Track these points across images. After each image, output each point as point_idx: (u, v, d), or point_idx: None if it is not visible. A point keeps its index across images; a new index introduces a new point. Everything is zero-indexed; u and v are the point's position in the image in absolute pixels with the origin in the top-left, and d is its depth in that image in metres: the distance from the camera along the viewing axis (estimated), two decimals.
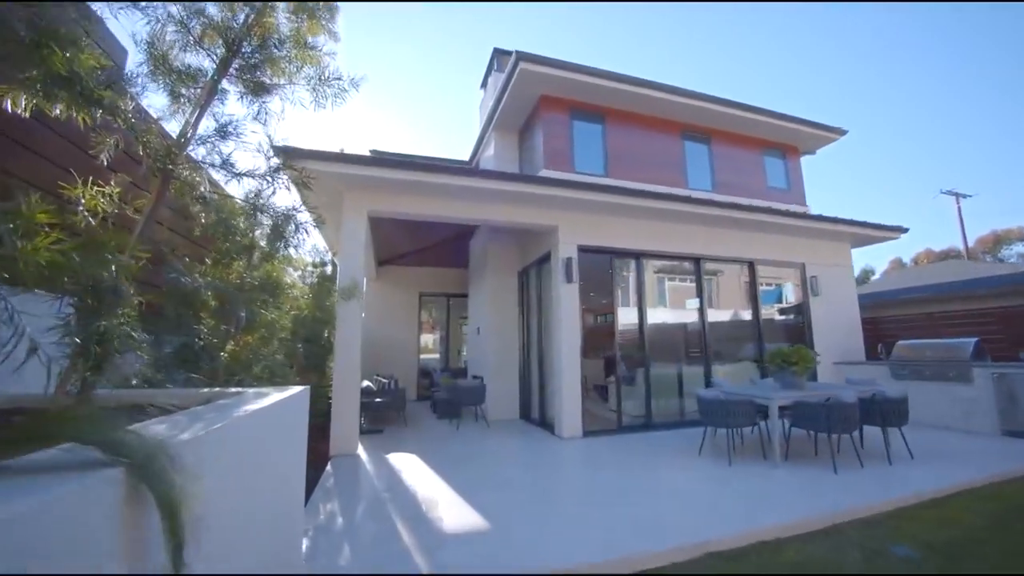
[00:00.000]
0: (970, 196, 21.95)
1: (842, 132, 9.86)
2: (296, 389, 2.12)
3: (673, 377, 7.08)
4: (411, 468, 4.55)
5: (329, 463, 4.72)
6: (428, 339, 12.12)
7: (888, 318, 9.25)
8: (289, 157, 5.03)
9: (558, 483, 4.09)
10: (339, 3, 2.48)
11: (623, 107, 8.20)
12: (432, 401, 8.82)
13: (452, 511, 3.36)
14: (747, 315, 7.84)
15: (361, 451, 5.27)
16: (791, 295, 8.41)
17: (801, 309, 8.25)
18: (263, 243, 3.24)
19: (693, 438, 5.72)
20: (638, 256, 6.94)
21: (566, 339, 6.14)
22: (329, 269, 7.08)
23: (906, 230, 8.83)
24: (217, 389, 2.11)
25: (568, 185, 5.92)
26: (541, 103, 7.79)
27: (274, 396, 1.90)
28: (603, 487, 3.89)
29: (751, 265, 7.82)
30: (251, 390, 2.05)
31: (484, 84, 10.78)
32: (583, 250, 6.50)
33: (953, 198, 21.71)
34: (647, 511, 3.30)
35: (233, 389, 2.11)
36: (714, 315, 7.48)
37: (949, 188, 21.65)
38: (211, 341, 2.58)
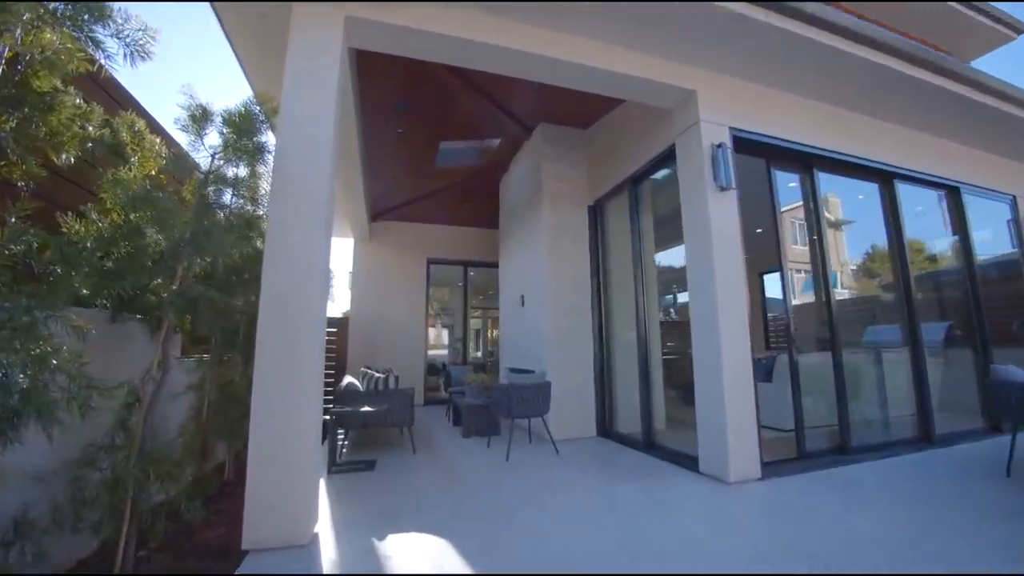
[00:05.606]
0: None
1: (1021, 30, 7.07)
2: None
3: (858, 371, 4.23)
4: None
5: None
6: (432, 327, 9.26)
7: None
8: None
9: None
10: None
11: None
12: (451, 408, 5.93)
13: None
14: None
15: (324, 528, 2.37)
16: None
17: (1015, 264, 5.42)
18: None
19: (949, 471, 3.10)
20: (808, 162, 4.09)
21: (724, 299, 3.25)
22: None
23: None
24: None
25: None
26: None
27: None
28: None
29: (956, 193, 4.98)
30: None
31: None
32: (736, 141, 3.64)
33: None
34: None
35: None
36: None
37: None
38: None
